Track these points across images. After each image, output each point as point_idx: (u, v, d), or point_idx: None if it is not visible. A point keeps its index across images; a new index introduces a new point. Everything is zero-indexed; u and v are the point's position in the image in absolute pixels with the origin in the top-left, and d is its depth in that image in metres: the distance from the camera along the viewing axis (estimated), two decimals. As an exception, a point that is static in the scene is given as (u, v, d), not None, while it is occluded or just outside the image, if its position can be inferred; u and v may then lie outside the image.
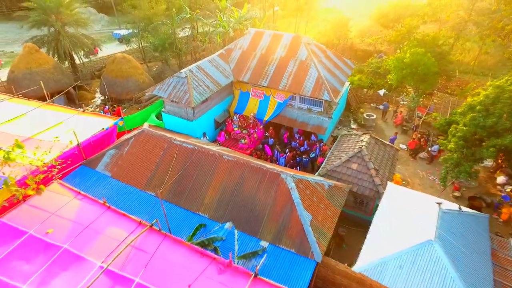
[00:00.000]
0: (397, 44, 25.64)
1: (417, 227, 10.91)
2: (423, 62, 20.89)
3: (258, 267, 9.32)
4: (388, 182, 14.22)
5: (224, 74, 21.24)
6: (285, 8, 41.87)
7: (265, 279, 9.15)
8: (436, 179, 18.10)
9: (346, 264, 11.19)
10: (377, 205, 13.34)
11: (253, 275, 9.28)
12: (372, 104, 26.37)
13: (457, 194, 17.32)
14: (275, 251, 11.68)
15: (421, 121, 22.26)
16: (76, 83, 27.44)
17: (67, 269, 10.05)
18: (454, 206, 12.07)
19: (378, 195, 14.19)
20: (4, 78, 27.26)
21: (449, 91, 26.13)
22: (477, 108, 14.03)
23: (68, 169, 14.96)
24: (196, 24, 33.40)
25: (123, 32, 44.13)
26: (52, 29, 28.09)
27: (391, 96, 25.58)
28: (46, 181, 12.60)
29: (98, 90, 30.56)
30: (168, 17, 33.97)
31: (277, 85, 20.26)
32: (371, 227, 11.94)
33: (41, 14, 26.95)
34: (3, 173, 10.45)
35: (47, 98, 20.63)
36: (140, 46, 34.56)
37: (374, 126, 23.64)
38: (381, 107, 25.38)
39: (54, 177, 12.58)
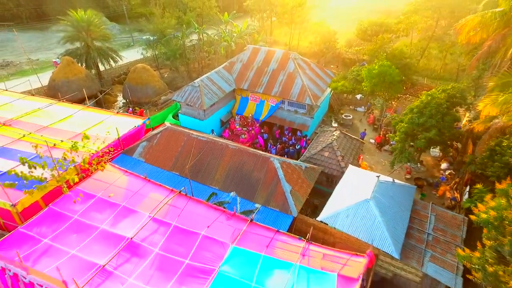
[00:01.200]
0: (372, 57, 30.64)
1: (361, 191, 16.04)
2: (388, 73, 25.93)
3: (253, 216, 14.51)
4: (350, 165, 19.35)
5: (228, 83, 26.46)
6: (281, 20, 46.97)
7: (257, 222, 14.32)
8: (397, 167, 23.18)
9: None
10: (340, 181, 18.44)
11: (249, 220, 14.46)
12: (351, 107, 31.53)
13: (408, 176, 22.47)
14: (265, 210, 16.83)
15: (384, 120, 27.34)
16: (107, 90, 32.66)
17: (127, 217, 15.17)
18: (390, 179, 17.22)
19: (343, 175, 19.29)
20: (42, 83, 32.44)
21: (409, 96, 31.03)
22: (414, 110, 19.16)
23: (112, 156, 20.13)
24: (202, 36, 38.52)
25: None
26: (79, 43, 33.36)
27: (366, 100, 30.70)
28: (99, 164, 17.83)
29: (119, 94, 35.77)
30: (178, 30, 39.16)
31: (270, 92, 25.46)
32: (333, 193, 17.08)
33: (74, 31, 32.16)
34: (72, 158, 15.51)
35: (87, 102, 25.90)
36: (154, 55, 39.75)
37: (351, 124, 28.78)
38: (359, 109, 30.51)
39: (106, 161, 17.84)
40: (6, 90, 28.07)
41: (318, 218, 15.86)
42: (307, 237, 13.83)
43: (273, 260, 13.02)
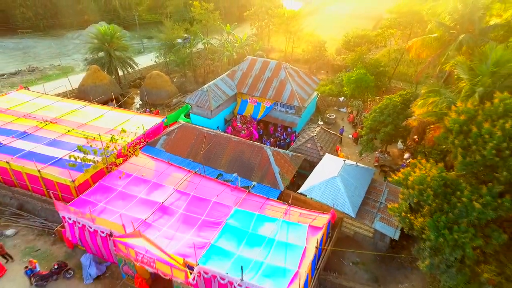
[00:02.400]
0: (352, 65, 35.81)
1: (331, 171, 21.38)
2: (364, 79, 31.22)
3: (250, 188, 19.90)
4: (327, 153, 24.67)
5: (231, 88, 31.86)
6: (277, 30, 52.36)
7: (253, 193, 19.69)
8: (364, 155, 28.52)
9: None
10: (318, 166, 23.77)
11: (247, 191, 19.85)
12: (335, 108, 36.88)
13: (376, 164, 27.79)
14: (260, 186, 22.15)
15: (361, 119, 32.60)
16: (129, 94, 38.11)
17: (157, 189, 20.51)
18: (354, 163, 22.58)
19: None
20: (66, 86, 37.81)
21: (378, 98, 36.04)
22: (377, 110, 24.48)
23: (141, 146, 25.47)
24: (207, 46, 43.89)
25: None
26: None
27: (348, 102, 36.01)
28: (134, 151, 23.24)
29: (135, 96, 41.16)
30: (185, 38, 44.53)
31: (265, 95, 30.84)
32: (311, 174, 22.42)
33: (99, 43, 37.61)
34: (115, 146, 20.87)
35: (114, 103, 31.33)
36: (166, 61, 45.12)
37: (334, 123, 34.10)
38: (342, 109, 35.84)
39: (138, 149, 23.32)
40: (45, 93, 33.58)
41: (299, 191, 21.24)
42: (288, 202, 19.25)
43: (264, 217, 18.44)
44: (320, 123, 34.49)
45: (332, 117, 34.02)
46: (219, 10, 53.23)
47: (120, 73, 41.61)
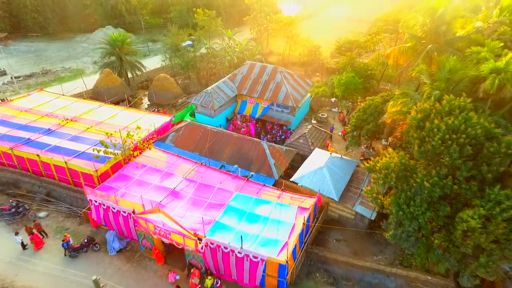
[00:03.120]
0: (343, 69, 39.09)
1: (319, 163, 24.70)
2: (353, 82, 34.51)
3: (248, 177, 23.25)
4: (316, 148, 27.97)
5: (232, 90, 35.20)
6: (275, 35, 55.73)
7: (251, 180, 23.04)
8: (350, 150, 31.81)
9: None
10: (309, 158, 27.10)
11: (246, 179, 23.19)
12: (327, 108, 40.21)
13: (361, 158, 31.08)
14: (257, 176, 25.45)
15: (350, 118, 35.82)
16: (140, 95, 41.52)
17: (168, 178, 23.82)
18: (339, 156, 25.89)
19: (311, 155, 27.94)
20: (77, 87, 41.09)
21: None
22: (361, 110, 27.78)
23: (153, 141, 28.78)
24: (210, 50, 47.21)
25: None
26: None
27: (339, 102, 39.30)
28: (149, 145, 26.60)
29: (143, 97, 44.48)
30: (191, 41, 47.90)
31: (263, 97, 34.16)
32: (301, 165, 25.73)
33: (111, 48, 40.98)
34: (131, 141, 24.23)
35: (126, 103, 34.70)
36: (171, 64, 48.42)
37: (325, 121, 37.39)
38: (333, 109, 39.17)
39: (152, 143, 26.69)
40: (63, 94, 36.95)
41: (291, 179, 24.57)
42: (281, 188, 22.58)
43: (260, 200, 21.80)
44: (313, 121, 37.86)
45: (324, 116, 37.33)
46: (221, 16, 56.59)
47: (129, 75, 44.92)
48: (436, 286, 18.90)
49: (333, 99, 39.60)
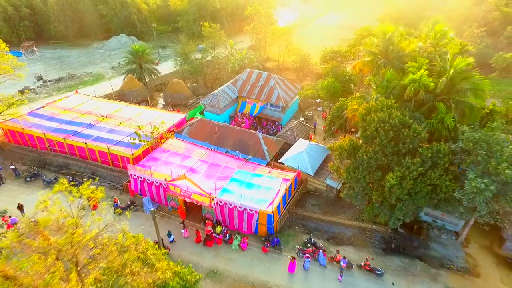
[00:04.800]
0: (326, 75, 46.96)
1: (300, 148, 32.60)
2: (333, 86, 42.31)
3: (247, 159, 31.29)
4: (300, 138, 35.81)
5: (234, 92, 43.13)
6: (272, 43, 63.74)
7: (250, 161, 31.06)
8: (327, 140, 39.54)
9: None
10: (294, 146, 34.99)
11: (245, 161, 31.23)
12: (313, 107, 48.07)
13: (337, 147, 38.87)
14: (253, 159, 33.34)
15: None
16: (157, 97, 49.49)
17: (187, 159, 31.85)
18: (316, 143, 33.76)
19: (296, 144, 35.82)
20: (101, 90, 49.00)
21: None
22: (335, 108, 35.63)
23: (173, 133, 36.66)
24: (215, 59, 55.17)
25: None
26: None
27: (323, 103, 47.10)
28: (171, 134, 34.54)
29: (158, 99, 52.41)
30: (198, 53, 55.83)
31: (259, 98, 42.08)
32: (288, 151, 33.61)
33: (133, 57, 48.96)
34: (158, 132, 32.22)
35: (148, 103, 42.67)
36: (182, 70, 56.35)
37: (311, 118, 45.26)
38: (319, 109, 47.07)
39: (172, 134, 34.63)
40: (95, 96, 44.92)
41: (279, 161, 32.49)
42: (271, 166, 30.48)
43: (255, 174, 29.69)
44: (301, 118, 45.76)
45: (310, 114, 45.22)
46: (224, 27, 64.46)
47: (147, 79, 52.87)
48: (379, 232, 26.79)
49: (318, 100, 47.46)
